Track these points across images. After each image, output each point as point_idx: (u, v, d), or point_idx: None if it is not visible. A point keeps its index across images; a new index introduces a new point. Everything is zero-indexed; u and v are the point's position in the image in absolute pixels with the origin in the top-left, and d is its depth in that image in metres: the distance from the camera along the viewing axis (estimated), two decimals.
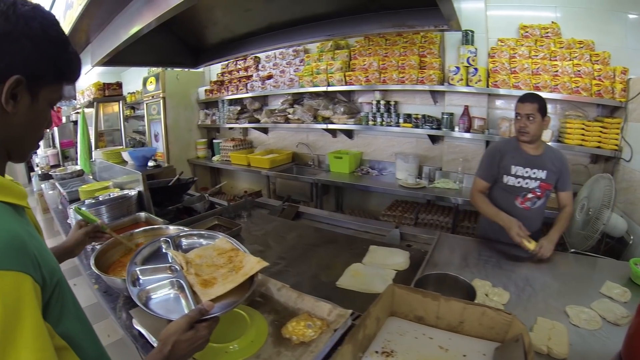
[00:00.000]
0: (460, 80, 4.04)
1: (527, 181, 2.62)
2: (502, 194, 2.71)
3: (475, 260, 2.32)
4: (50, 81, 0.98)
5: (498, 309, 1.34)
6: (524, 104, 2.56)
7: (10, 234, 0.82)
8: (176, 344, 1.12)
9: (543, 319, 1.67)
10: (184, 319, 1.16)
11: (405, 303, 1.48)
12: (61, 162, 8.38)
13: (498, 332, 1.34)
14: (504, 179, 2.67)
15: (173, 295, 1.44)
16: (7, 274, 0.77)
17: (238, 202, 3.58)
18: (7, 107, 0.89)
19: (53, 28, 0.97)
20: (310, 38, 3.59)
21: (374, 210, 5.15)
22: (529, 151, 2.64)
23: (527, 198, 2.65)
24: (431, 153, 4.68)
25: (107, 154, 5.00)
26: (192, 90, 7.24)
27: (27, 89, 0.92)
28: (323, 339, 1.42)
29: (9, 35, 0.88)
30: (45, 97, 0.98)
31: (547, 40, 3.84)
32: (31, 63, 0.91)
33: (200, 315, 1.19)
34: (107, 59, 3.72)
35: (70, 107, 9.68)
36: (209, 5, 3.35)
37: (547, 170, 2.60)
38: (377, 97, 4.83)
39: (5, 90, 0.88)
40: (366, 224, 3.05)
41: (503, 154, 2.68)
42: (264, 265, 1.56)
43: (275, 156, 5.89)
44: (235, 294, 1.42)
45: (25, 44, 0.90)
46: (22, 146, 1.01)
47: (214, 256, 1.66)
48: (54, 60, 0.97)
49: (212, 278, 1.50)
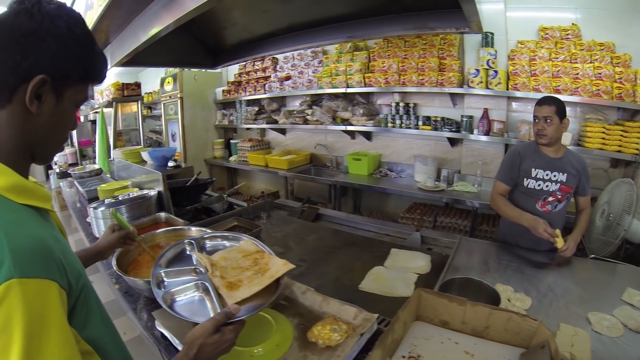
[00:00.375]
0: (480, 82, 4.02)
1: (548, 184, 2.61)
2: (522, 198, 2.70)
3: (497, 265, 2.32)
4: (75, 81, 0.97)
5: (524, 315, 1.34)
6: (542, 106, 2.57)
7: (35, 240, 0.82)
8: (202, 347, 1.11)
9: (566, 325, 1.65)
10: (210, 322, 1.16)
11: (431, 307, 1.49)
12: (79, 160, 8.47)
13: (523, 338, 1.34)
14: (525, 182, 2.66)
15: (198, 297, 1.44)
16: (33, 282, 0.77)
17: (257, 203, 3.60)
18: (32, 108, 0.89)
19: (79, 27, 0.96)
20: (330, 39, 3.59)
21: (392, 213, 5.14)
22: (549, 154, 2.64)
23: (547, 201, 2.63)
24: (450, 156, 4.66)
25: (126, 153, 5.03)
26: (210, 91, 7.29)
27: (52, 89, 0.92)
28: (349, 343, 1.42)
29: (34, 34, 0.88)
30: (71, 97, 0.98)
31: (567, 42, 3.80)
32: (56, 62, 0.91)
33: (227, 318, 1.19)
34: (126, 59, 3.77)
35: (89, 106, 9.78)
36: (228, 6, 3.38)
37: (568, 173, 2.60)
38: (396, 99, 4.83)
39: (29, 90, 0.87)
40: (386, 227, 3.05)
41: (523, 157, 2.68)
42: (290, 267, 1.55)
43: (293, 157, 5.90)
44: (261, 297, 1.42)
45: (50, 42, 0.89)
46: (46, 148, 1.00)
47: (239, 258, 1.65)
48: (80, 59, 0.96)
49: (238, 280, 1.49)
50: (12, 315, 0.73)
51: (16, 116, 0.90)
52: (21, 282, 0.74)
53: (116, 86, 6.85)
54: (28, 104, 0.88)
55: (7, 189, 0.87)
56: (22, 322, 0.73)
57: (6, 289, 0.73)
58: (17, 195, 0.88)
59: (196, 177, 4.01)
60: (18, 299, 0.73)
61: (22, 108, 0.89)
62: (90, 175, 5.29)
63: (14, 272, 0.74)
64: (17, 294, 0.74)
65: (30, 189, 0.93)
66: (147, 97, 8.97)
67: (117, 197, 3.20)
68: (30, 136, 0.94)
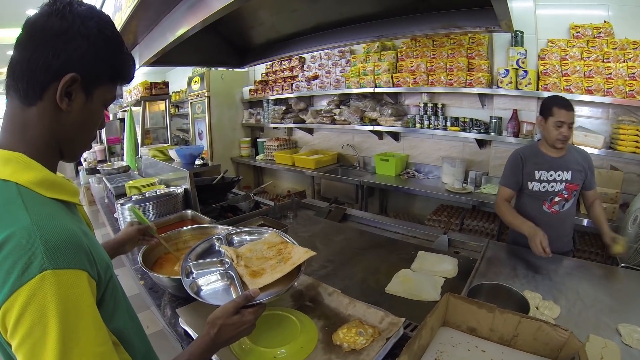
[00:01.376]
0: (510, 83, 3.95)
1: (553, 184, 2.62)
2: (528, 201, 2.72)
3: (525, 271, 2.27)
4: (105, 81, 1.01)
5: (555, 325, 1.31)
6: (569, 111, 2.53)
7: (65, 232, 0.85)
8: (222, 327, 1.17)
9: (595, 336, 1.61)
10: (230, 304, 1.21)
11: (459, 313, 1.48)
12: (107, 157, 8.65)
13: (552, 349, 1.31)
14: (529, 185, 2.67)
15: (223, 286, 1.51)
16: (66, 273, 0.80)
17: (284, 202, 3.62)
18: (62, 105, 0.93)
19: (108, 28, 1.00)
20: (358, 39, 3.57)
21: (418, 214, 5.12)
22: (551, 154, 2.64)
23: (554, 202, 2.64)
24: (478, 157, 4.61)
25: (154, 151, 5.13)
26: (237, 90, 7.37)
27: (82, 88, 0.96)
28: (375, 348, 1.40)
29: (65, 34, 0.91)
30: (100, 96, 1.01)
31: (599, 40, 3.68)
32: (87, 62, 0.94)
33: (246, 301, 1.24)
34: (154, 59, 3.81)
35: (117, 105, 9.98)
36: (255, 6, 3.38)
37: (572, 171, 2.60)
38: (424, 100, 4.80)
39: (60, 87, 0.91)
40: (414, 229, 3.02)
41: (525, 161, 2.69)
42: (311, 254, 1.61)
43: (320, 157, 5.92)
44: (282, 284, 1.47)
45: (81, 42, 0.93)
46: (74, 145, 1.04)
47: (263, 249, 1.72)
48: (109, 59, 1.00)
49: (261, 269, 1.56)
50: (48, 306, 0.76)
51: (47, 113, 0.94)
52: (55, 274, 0.78)
53: (144, 85, 6.97)
54: (59, 102, 0.92)
55: (37, 183, 0.90)
56: (57, 312, 0.77)
57: (40, 280, 0.76)
58: (47, 190, 0.91)
59: (222, 175, 4.04)
60: (53, 290, 0.77)
61: (53, 106, 0.93)
62: (118, 172, 5.41)
63: (47, 263, 0.78)
64: (52, 284, 0.77)
65: (59, 183, 0.96)
66: (174, 96, 9.11)
67: (144, 194, 3.24)
68: (59, 133, 0.97)
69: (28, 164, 0.91)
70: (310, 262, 2.37)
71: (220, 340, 1.17)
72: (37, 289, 0.76)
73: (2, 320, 0.77)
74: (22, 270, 0.76)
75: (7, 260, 0.77)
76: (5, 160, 0.90)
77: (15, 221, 0.81)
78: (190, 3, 2.81)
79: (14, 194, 0.86)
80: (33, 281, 0.76)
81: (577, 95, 3.57)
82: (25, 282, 0.76)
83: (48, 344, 0.76)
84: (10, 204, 0.84)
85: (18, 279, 0.76)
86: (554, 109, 2.56)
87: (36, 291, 0.76)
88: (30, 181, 0.89)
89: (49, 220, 0.85)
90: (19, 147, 0.92)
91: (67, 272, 0.80)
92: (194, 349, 1.15)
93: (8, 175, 0.88)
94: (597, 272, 2.29)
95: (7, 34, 7.73)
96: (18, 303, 0.75)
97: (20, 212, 0.83)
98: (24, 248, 0.78)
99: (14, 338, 0.76)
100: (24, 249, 0.78)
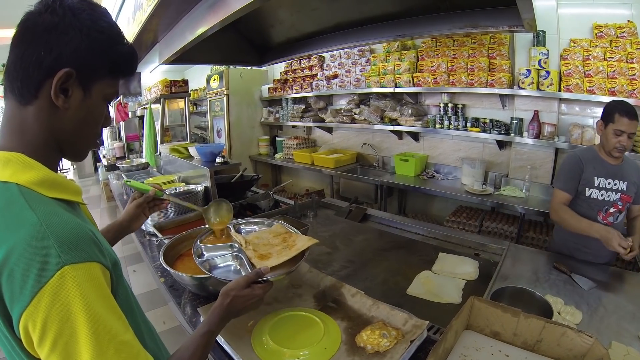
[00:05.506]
0: (531, 83, 3.91)
1: (610, 194, 2.48)
2: (582, 209, 2.53)
3: (547, 275, 2.25)
4: (103, 75, 0.98)
5: (580, 331, 1.31)
6: (632, 121, 2.35)
7: (75, 227, 0.84)
8: (234, 298, 1.24)
9: (617, 343, 1.60)
10: (242, 278, 1.30)
11: (483, 317, 1.48)
12: (126, 154, 8.77)
13: (576, 355, 1.31)
14: (587, 192, 2.52)
15: (234, 267, 1.64)
16: (83, 266, 0.80)
17: (304, 202, 3.63)
18: (58, 102, 0.91)
19: (103, 19, 0.96)
20: (379, 38, 3.57)
21: (437, 215, 5.11)
22: (610, 161, 2.50)
23: (609, 213, 2.49)
24: (498, 159, 4.58)
25: (173, 148, 5.17)
26: (256, 88, 7.41)
27: (79, 83, 0.93)
28: (398, 350, 1.40)
29: (56, 28, 0.89)
30: (99, 91, 0.98)
31: (622, 40, 3.61)
32: (81, 55, 0.91)
33: (257, 276, 1.33)
34: (173, 57, 3.85)
35: (136, 103, 10.08)
36: (275, 5, 3.41)
37: (628, 182, 2.47)
38: (445, 100, 4.78)
39: (54, 83, 0.89)
40: (434, 230, 3.02)
41: (584, 165, 2.53)
42: (314, 242, 1.72)
43: (340, 156, 5.93)
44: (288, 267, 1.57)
45: (73, 35, 0.90)
46: (76, 144, 1.02)
47: (269, 237, 1.82)
48: (106, 52, 0.96)
49: (268, 253, 1.66)
50: (72, 302, 0.76)
51: (43, 112, 0.92)
52: (73, 268, 0.78)
53: (164, 83, 7.02)
54: (54, 98, 0.90)
55: (37, 183, 0.89)
56: (83, 306, 0.77)
57: (60, 278, 0.76)
58: (48, 189, 0.90)
59: (241, 173, 4.07)
60: (75, 285, 0.77)
61: (49, 103, 0.91)
62: (138, 169, 5.49)
63: (64, 259, 0.77)
64: (73, 280, 0.77)
65: (60, 182, 0.95)
66: (193, 94, 9.20)
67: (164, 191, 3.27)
68: (58, 132, 0.96)
69: (27, 163, 0.90)
70: (331, 262, 2.43)
71: (232, 310, 1.25)
72: (59, 287, 0.75)
73: (25, 329, 0.76)
74: (39, 271, 0.75)
75: (20, 264, 0.76)
76: (5, 161, 0.89)
77: (23, 221, 0.80)
78: (211, 2, 2.84)
79: (15, 195, 0.85)
80: (53, 279, 0.75)
81: (600, 96, 3.52)
82: (45, 283, 0.75)
83: (81, 340, 0.76)
84: (13, 205, 0.83)
85: (37, 281, 0.75)
86: (616, 116, 2.39)
87: (58, 289, 0.75)
88: (30, 181, 0.88)
89: (56, 217, 0.84)
90: (17, 148, 0.91)
91: (84, 265, 0.80)
92: (212, 318, 1.21)
93: (8, 176, 0.87)
94: (619, 278, 2.28)
95: None
96: (42, 306, 0.74)
97: (25, 212, 0.82)
98: (37, 248, 0.77)
99: (44, 345, 0.75)
100: (37, 249, 0.77)
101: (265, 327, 1.56)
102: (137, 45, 4.40)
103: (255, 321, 1.62)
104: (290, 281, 1.96)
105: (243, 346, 1.47)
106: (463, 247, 2.75)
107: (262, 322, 1.61)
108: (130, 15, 4.26)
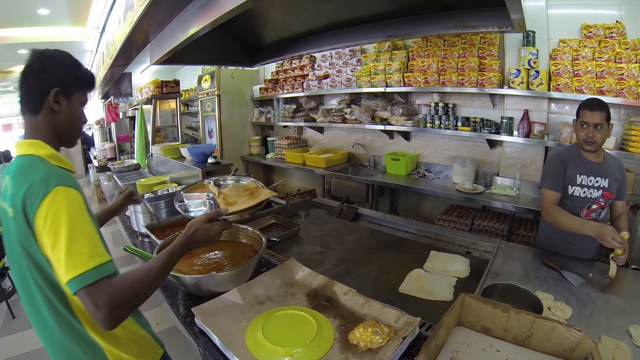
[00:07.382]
0: (521, 83, 3.94)
1: (592, 191, 2.53)
2: (565, 207, 2.55)
3: (537, 272, 2.28)
4: (77, 89, 1.49)
5: (568, 325, 1.33)
6: (593, 112, 2.42)
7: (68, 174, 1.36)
8: (197, 230, 1.55)
9: (607, 337, 1.63)
10: (204, 215, 1.61)
11: (474, 313, 1.50)
12: (117, 155, 8.72)
13: (565, 349, 1.33)
14: (569, 189, 2.56)
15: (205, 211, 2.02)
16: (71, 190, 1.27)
17: (296, 202, 3.63)
18: (54, 107, 1.41)
19: (70, 58, 1.49)
20: (370, 38, 3.58)
21: (428, 214, 5.13)
22: (592, 159, 2.54)
23: (592, 209, 2.55)
24: (488, 158, 4.62)
25: (165, 149, 5.15)
26: (247, 88, 7.41)
27: (64, 96, 1.43)
28: (391, 347, 1.42)
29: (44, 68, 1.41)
30: (77, 99, 1.50)
31: (611, 40, 3.65)
32: (62, 79, 1.43)
33: (217, 215, 1.64)
34: (165, 58, 3.84)
35: (127, 103, 10.03)
36: (267, 5, 3.40)
37: (609, 179, 2.51)
38: (435, 99, 4.81)
39: (51, 97, 1.40)
40: (426, 228, 3.04)
41: (568, 162, 2.57)
42: (273, 194, 2.27)
43: (331, 156, 5.94)
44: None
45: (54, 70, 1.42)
46: (70, 134, 1.53)
47: (240, 191, 2.28)
48: (75, 74, 1.49)
49: (235, 201, 2.12)
50: (60, 206, 1.22)
51: (47, 116, 1.43)
52: (64, 189, 1.25)
53: (155, 84, 6.98)
54: (52, 106, 1.41)
55: (49, 156, 1.39)
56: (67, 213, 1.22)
57: (55, 192, 1.22)
58: (54, 161, 1.39)
59: (233, 173, 4.06)
60: (64, 198, 1.24)
61: (49, 110, 1.42)
62: (129, 170, 5.48)
63: (59, 183, 1.25)
64: (63, 194, 1.24)
65: (61, 158, 1.44)
66: (184, 94, 9.16)
67: (155, 192, 3.26)
68: (58, 127, 1.46)
69: (42, 145, 1.40)
70: (324, 261, 2.45)
71: (193, 239, 1.54)
72: (54, 197, 1.22)
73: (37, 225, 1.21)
74: (45, 189, 1.22)
75: (35, 187, 1.22)
76: (29, 144, 1.40)
77: (39, 170, 1.29)
78: (202, 3, 2.84)
79: (36, 160, 1.35)
80: (52, 192, 1.22)
81: (589, 96, 3.52)
82: (47, 194, 1.21)
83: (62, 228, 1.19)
84: (35, 164, 1.33)
85: (43, 193, 1.21)
86: (580, 110, 2.51)
87: (54, 198, 1.22)
88: (45, 154, 1.38)
89: (59, 170, 1.34)
90: (36, 137, 1.42)
91: (72, 189, 1.27)
92: (175, 243, 1.49)
93: (32, 151, 1.38)
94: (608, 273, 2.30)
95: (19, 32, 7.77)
96: (44, 207, 1.20)
97: (40, 166, 1.32)
98: (44, 180, 1.24)
99: (44, 232, 1.20)
100: (44, 180, 1.24)
101: (259, 326, 1.56)
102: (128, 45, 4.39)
103: (249, 320, 1.63)
104: (283, 280, 1.97)
105: (237, 345, 1.48)
106: (454, 245, 2.78)
107: (256, 321, 1.62)
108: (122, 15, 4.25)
